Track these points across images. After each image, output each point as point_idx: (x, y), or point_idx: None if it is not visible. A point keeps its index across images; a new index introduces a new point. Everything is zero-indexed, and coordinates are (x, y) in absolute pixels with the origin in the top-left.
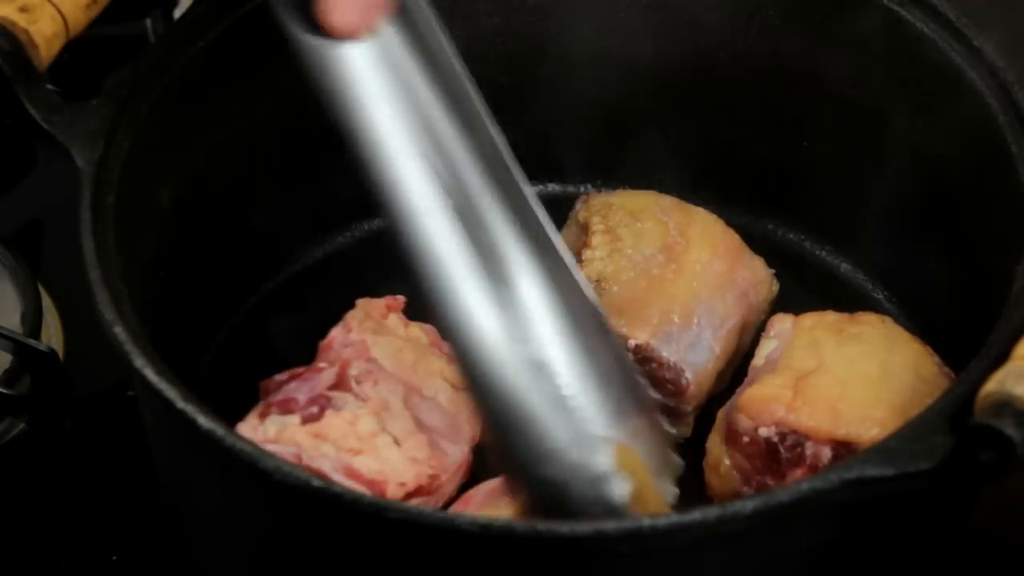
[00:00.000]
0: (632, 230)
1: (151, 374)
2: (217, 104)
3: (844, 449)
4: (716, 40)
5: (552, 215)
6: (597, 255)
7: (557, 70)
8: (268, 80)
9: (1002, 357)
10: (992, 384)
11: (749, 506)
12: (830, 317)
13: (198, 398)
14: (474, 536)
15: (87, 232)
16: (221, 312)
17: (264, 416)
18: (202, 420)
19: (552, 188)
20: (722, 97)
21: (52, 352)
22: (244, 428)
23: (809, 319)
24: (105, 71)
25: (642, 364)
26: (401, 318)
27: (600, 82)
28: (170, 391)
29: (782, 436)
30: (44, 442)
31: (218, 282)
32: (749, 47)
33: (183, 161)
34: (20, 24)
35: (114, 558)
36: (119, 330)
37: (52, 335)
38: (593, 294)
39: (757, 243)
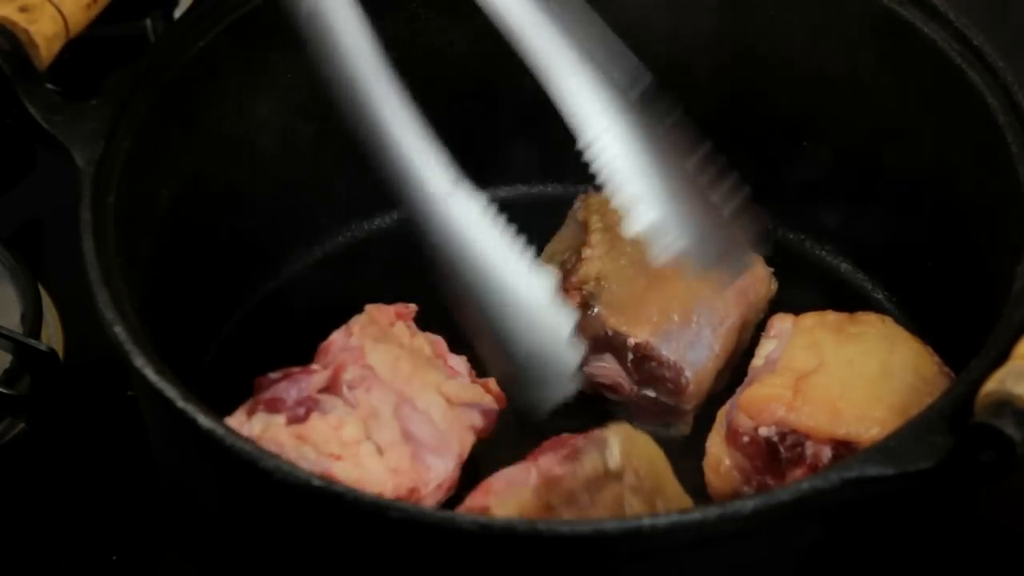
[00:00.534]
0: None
1: (151, 374)
2: (217, 104)
3: (844, 449)
4: (715, 40)
5: (552, 215)
6: (596, 254)
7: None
8: (268, 80)
9: (1002, 356)
10: (992, 383)
11: (749, 506)
12: (830, 317)
13: (198, 398)
14: (474, 535)
15: (87, 232)
16: (221, 312)
17: (252, 413)
18: (202, 420)
19: (552, 188)
20: (721, 97)
21: (52, 352)
22: (231, 423)
23: (809, 319)
24: (105, 71)
25: (641, 363)
26: (409, 326)
27: None
28: (170, 391)
29: (782, 436)
30: (44, 442)
31: (218, 282)
32: (749, 47)
33: (183, 161)
34: (20, 24)
35: (114, 558)
36: (119, 330)
37: (52, 335)
38: None
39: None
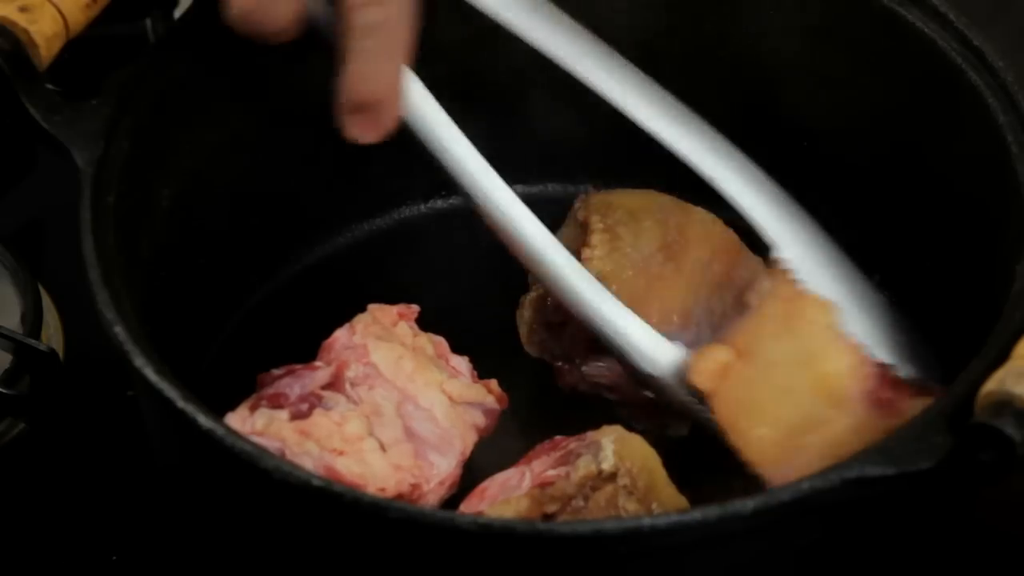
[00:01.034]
0: (631, 229)
1: (151, 374)
2: (217, 104)
3: None
4: (715, 40)
5: (552, 215)
6: (596, 254)
7: (557, 70)
8: (269, 80)
9: (1002, 356)
10: (992, 383)
11: (749, 505)
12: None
13: (198, 398)
14: (475, 536)
15: (87, 232)
16: (221, 312)
17: (254, 408)
18: (202, 420)
19: (552, 188)
20: (721, 97)
21: (52, 352)
22: (233, 419)
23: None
24: (105, 71)
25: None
26: (412, 327)
27: None
28: (170, 391)
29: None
30: (44, 442)
31: (218, 282)
32: (748, 46)
33: (183, 161)
34: (20, 24)
35: (114, 558)
36: (119, 330)
37: (52, 335)
38: None
39: (759, 243)
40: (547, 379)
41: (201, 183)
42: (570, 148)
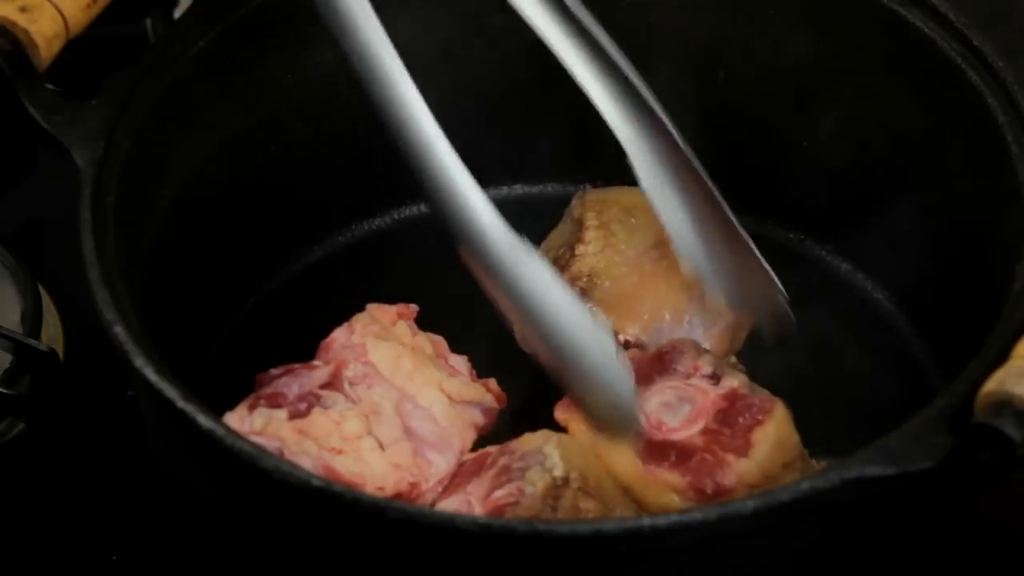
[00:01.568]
0: (626, 226)
1: (151, 374)
2: (217, 104)
3: None
4: (716, 40)
5: (552, 215)
6: (590, 250)
7: (557, 70)
8: (267, 80)
9: (1002, 357)
10: (992, 384)
11: (749, 506)
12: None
13: (198, 398)
14: (474, 536)
15: (87, 232)
16: (221, 312)
17: (253, 408)
18: (202, 420)
19: (552, 188)
20: (722, 97)
21: (52, 352)
22: (232, 418)
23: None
24: (105, 71)
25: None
26: (410, 326)
27: None
28: (170, 391)
29: None
30: (44, 442)
31: (218, 282)
32: (749, 47)
33: (183, 161)
34: (20, 24)
35: (114, 558)
36: (119, 330)
37: (52, 335)
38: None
39: (757, 243)
40: (546, 378)
41: (201, 183)
42: (570, 148)
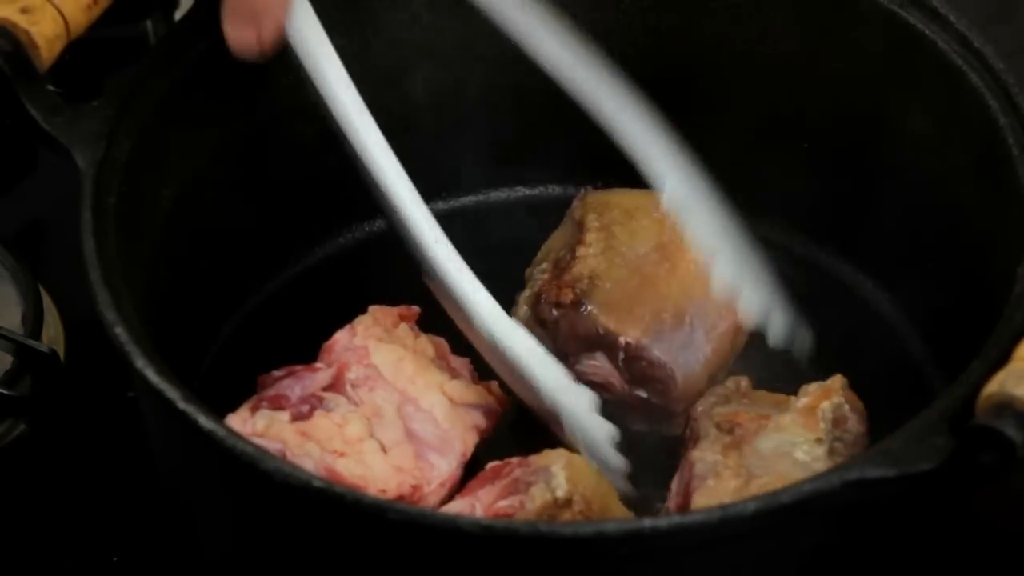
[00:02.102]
0: (627, 228)
1: (152, 375)
2: (218, 105)
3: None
4: (716, 40)
5: (553, 217)
6: (591, 252)
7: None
8: (268, 81)
9: (1003, 358)
10: (993, 385)
11: (750, 508)
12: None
13: (199, 399)
14: (476, 537)
15: (88, 233)
16: (222, 313)
17: (255, 410)
18: (203, 421)
19: (552, 188)
20: (722, 98)
21: (53, 353)
22: (234, 420)
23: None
24: (106, 72)
25: (632, 362)
26: (412, 328)
27: None
28: (171, 392)
29: None
30: (45, 443)
31: (219, 283)
32: (749, 47)
33: (184, 162)
34: (21, 25)
35: (115, 559)
36: (120, 331)
37: (53, 336)
38: None
39: (757, 244)
40: None
41: (202, 184)
42: (570, 149)
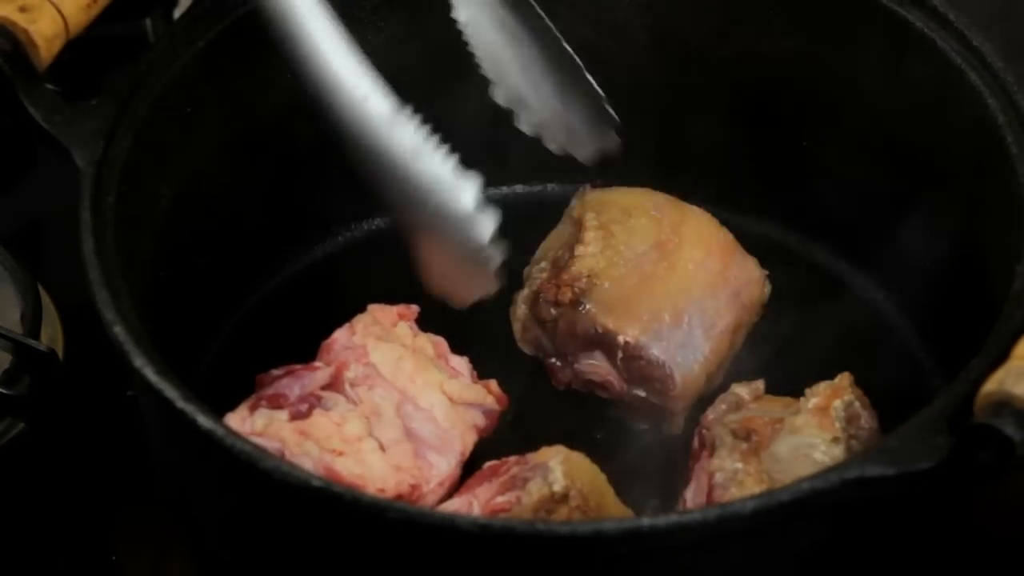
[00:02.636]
0: (625, 226)
1: (151, 374)
2: (217, 104)
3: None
4: (715, 40)
5: (551, 216)
6: (589, 251)
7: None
8: (267, 80)
9: (1002, 357)
10: (991, 384)
11: (749, 506)
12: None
13: (198, 398)
14: (474, 536)
15: (87, 232)
16: (221, 312)
17: (254, 409)
18: (202, 420)
19: (552, 188)
20: (721, 97)
21: (52, 352)
22: (232, 419)
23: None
24: (105, 71)
25: (630, 362)
26: (412, 327)
27: (599, 82)
28: (170, 391)
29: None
30: (44, 442)
31: (218, 282)
32: (749, 47)
33: (183, 161)
34: (20, 24)
35: (114, 558)
36: (119, 330)
37: (52, 335)
38: None
39: (757, 243)
40: (546, 380)
41: (201, 183)
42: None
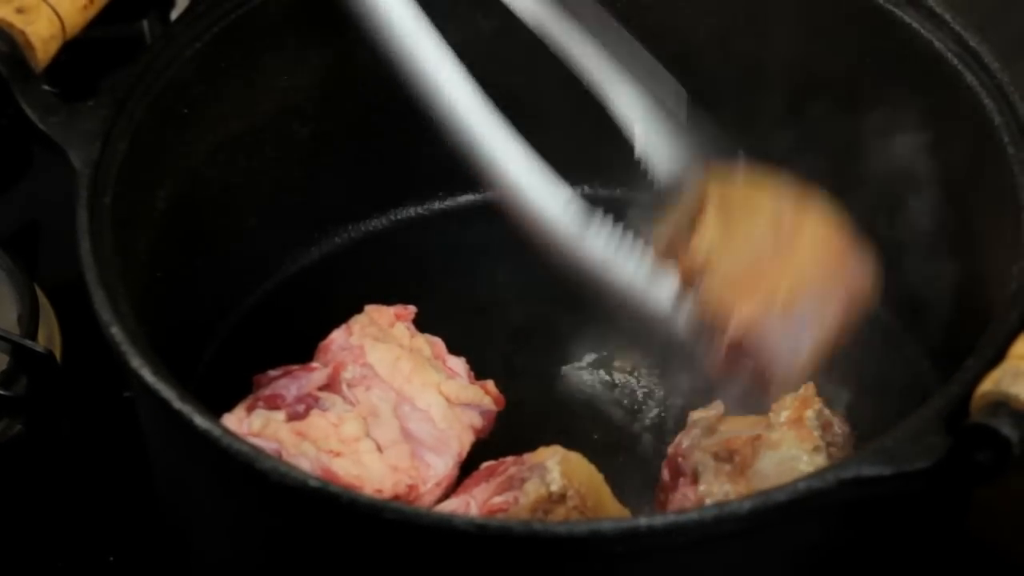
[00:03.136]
0: (747, 208)
1: (148, 375)
2: (213, 105)
3: None
4: (714, 40)
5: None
6: (707, 235)
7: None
8: (264, 81)
9: (998, 357)
10: (988, 384)
11: (746, 506)
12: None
13: (195, 398)
14: (471, 536)
15: (84, 233)
16: (218, 313)
17: (251, 409)
18: (199, 420)
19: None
20: (721, 97)
21: (49, 353)
22: (229, 420)
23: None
24: (102, 72)
25: (734, 350)
26: (409, 328)
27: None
28: (167, 391)
29: None
30: (41, 443)
31: (215, 283)
32: (747, 47)
33: (180, 162)
34: (16, 25)
35: (111, 559)
36: (116, 331)
37: (49, 336)
38: None
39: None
40: (545, 380)
41: (197, 184)
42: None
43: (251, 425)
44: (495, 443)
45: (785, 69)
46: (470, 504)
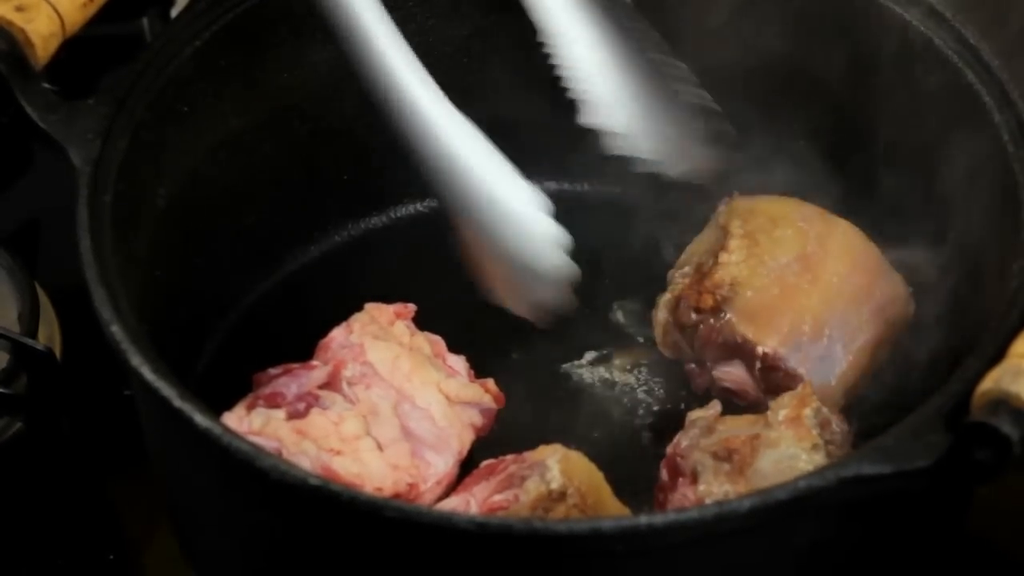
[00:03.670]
0: (771, 236)
1: (148, 373)
2: (213, 103)
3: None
4: (714, 41)
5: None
6: (733, 259)
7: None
8: (264, 79)
9: (999, 355)
10: (988, 382)
11: (746, 504)
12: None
13: (195, 397)
14: (472, 535)
15: (84, 231)
16: (218, 311)
17: (251, 408)
18: (199, 419)
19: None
20: (720, 97)
21: (49, 351)
22: (230, 418)
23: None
24: (102, 70)
25: (768, 372)
26: (409, 326)
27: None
28: (167, 390)
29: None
30: (41, 441)
31: (215, 281)
32: (747, 47)
33: (180, 160)
34: (16, 23)
35: (111, 557)
36: (116, 329)
37: (49, 334)
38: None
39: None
40: (544, 380)
41: (197, 182)
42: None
43: (251, 423)
44: (495, 441)
45: (785, 67)
46: (470, 502)
